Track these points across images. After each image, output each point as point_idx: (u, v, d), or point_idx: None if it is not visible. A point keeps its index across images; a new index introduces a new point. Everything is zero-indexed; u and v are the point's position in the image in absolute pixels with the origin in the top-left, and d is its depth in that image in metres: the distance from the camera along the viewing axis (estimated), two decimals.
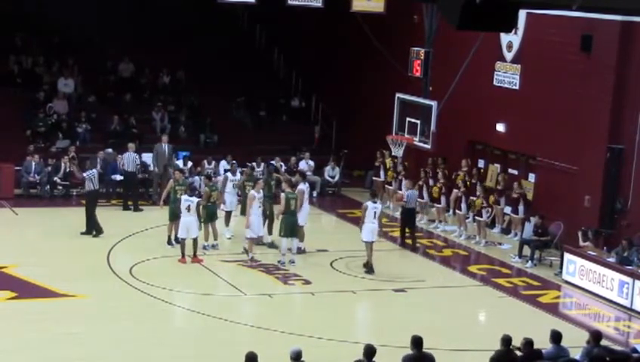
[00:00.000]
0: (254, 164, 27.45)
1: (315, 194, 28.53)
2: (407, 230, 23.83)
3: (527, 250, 22.93)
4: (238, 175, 23.89)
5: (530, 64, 25.57)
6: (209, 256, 21.61)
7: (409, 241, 23.70)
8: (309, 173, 28.87)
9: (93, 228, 22.78)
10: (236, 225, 23.35)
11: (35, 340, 16.26)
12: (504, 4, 10.13)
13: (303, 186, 22.38)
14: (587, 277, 20.97)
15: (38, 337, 16.41)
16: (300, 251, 21.94)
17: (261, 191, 21.59)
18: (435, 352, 13.05)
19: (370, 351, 12.34)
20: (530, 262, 22.71)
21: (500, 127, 26.64)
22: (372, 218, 21.16)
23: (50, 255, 21.48)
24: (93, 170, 23.24)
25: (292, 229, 21.25)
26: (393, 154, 26.75)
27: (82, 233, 22.81)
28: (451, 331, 17.83)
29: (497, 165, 27.10)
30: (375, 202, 21.54)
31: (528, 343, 13.32)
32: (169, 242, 22.19)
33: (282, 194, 21.52)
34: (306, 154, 29.53)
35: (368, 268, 21.18)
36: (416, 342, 12.69)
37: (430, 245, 24.40)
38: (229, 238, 23.07)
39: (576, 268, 21.26)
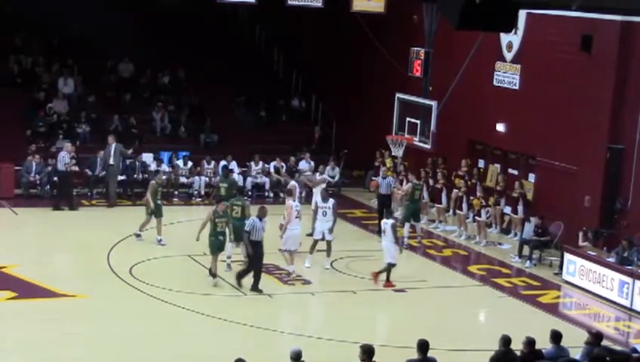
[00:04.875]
0: (226, 163, 27.41)
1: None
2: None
3: (527, 250, 22.94)
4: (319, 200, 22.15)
5: (530, 64, 25.57)
6: (208, 256, 21.57)
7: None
8: (308, 173, 28.92)
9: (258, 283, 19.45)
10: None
11: (35, 340, 16.25)
12: (504, 4, 10.13)
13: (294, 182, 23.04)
14: (587, 277, 20.97)
15: (38, 337, 16.40)
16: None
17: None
18: (435, 352, 13.05)
19: (369, 351, 12.30)
20: (528, 261, 22.72)
21: (500, 127, 26.65)
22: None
23: (50, 255, 21.49)
24: (253, 220, 19.30)
25: (415, 215, 24.07)
26: (393, 154, 26.76)
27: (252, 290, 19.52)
28: (451, 331, 17.83)
29: (497, 165, 27.10)
30: (322, 173, 25.60)
31: (530, 342, 13.32)
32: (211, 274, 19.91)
33: (408, 184, 24.54)
34: (306, 154, 29.54)
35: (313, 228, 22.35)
36: (422, 346, 12.64)
37: (430, 245, 24.41)
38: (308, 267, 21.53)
39: (576, 268, 21.26)
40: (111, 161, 26.56)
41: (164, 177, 24.49)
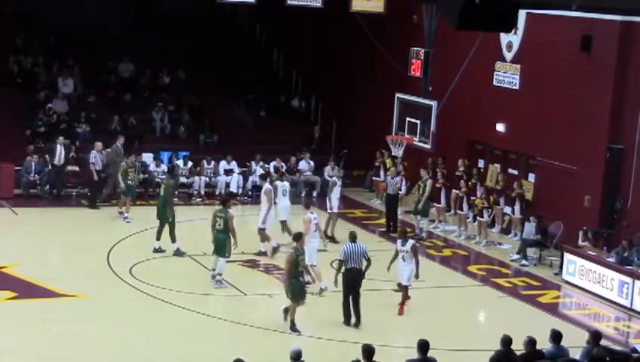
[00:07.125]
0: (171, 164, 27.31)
1: (314, 194, 28.60)
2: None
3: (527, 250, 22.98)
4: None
5: (530, 64, 25.57)
6: (208, 256, 21.57)
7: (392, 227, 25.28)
8: (308, 173, 28.95)
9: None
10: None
11: (35, 340, 16.27)
12: (504, 4, 10.14)
13: (269, 186, 22.26)
14: (587, 277, 20.98)
15: (38, 337, 16.42)
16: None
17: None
18: (435, 352, 13.05)
19: (369, 351, 12.32)
20: (524, 260, 22.73)
21: (500, 127, 26.64)
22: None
23: (50, 255, 21.49)
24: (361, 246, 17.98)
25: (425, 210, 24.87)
26: (393, 154, 26.77)
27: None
28: (451, 331, 17.83)
29: (497, 165, 27.10)
30: (282, 180, 23.46)
31: (531, 342, 13.33)
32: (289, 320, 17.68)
33: (427, 182, 24.81)
34: (306, 154, 29.54)
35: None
36: (422, 346, 12.65)
37: (430, 245, 24.41)
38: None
39: (576, 268, 21.27)
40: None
41: (133, 159, 25.25)
